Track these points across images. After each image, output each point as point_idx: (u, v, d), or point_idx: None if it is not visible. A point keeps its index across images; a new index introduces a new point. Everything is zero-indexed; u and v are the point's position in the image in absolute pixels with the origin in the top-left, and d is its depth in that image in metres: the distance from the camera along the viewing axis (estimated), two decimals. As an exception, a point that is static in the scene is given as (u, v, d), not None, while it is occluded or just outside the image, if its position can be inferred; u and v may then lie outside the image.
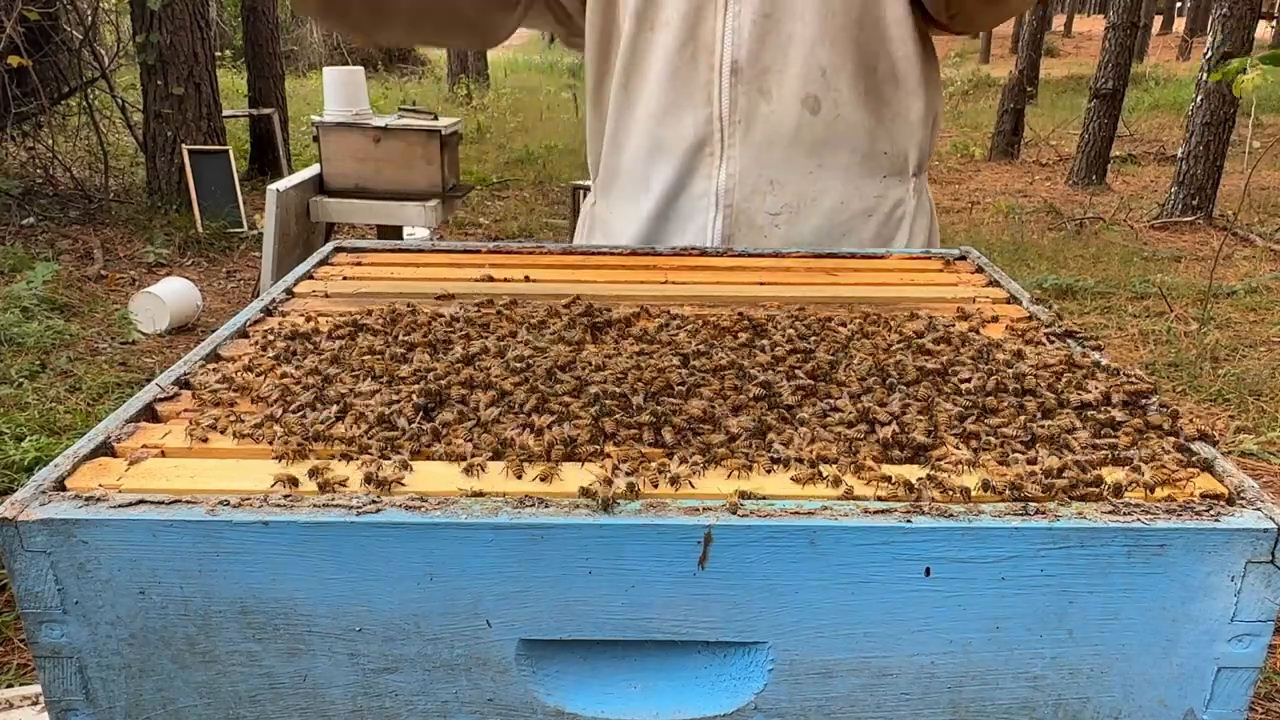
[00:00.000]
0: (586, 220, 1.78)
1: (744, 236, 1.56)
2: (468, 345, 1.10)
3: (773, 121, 1.50)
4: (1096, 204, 9.15)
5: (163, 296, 5.45)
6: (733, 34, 1.47)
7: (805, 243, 1.57)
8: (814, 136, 1.52)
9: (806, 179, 1.54)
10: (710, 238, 1.56)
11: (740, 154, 1.52)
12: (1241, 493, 0.82)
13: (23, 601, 0.78)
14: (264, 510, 0.78)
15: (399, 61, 20.87)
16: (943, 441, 0.90)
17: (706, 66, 1.49)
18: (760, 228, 1.56)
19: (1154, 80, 19.36)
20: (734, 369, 1.04)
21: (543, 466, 0.84)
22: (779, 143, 1.51)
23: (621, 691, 0.84)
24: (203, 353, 1.11)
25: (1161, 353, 5.33)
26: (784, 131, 1.51)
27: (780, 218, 1.55)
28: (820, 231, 1.57)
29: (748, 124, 1.50)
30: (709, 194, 1.55)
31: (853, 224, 1.59)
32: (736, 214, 1.54)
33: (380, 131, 4.60)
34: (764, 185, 1.53)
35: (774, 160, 1.52)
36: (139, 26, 7.71)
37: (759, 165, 1.52)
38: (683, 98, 1.52)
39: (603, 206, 1.70)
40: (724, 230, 1.55)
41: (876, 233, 1.62)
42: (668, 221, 1.59)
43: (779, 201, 1.54)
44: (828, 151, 1.54)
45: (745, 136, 1.51)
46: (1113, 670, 0.82)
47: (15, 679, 2.63)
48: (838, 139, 1.54)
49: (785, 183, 1.53)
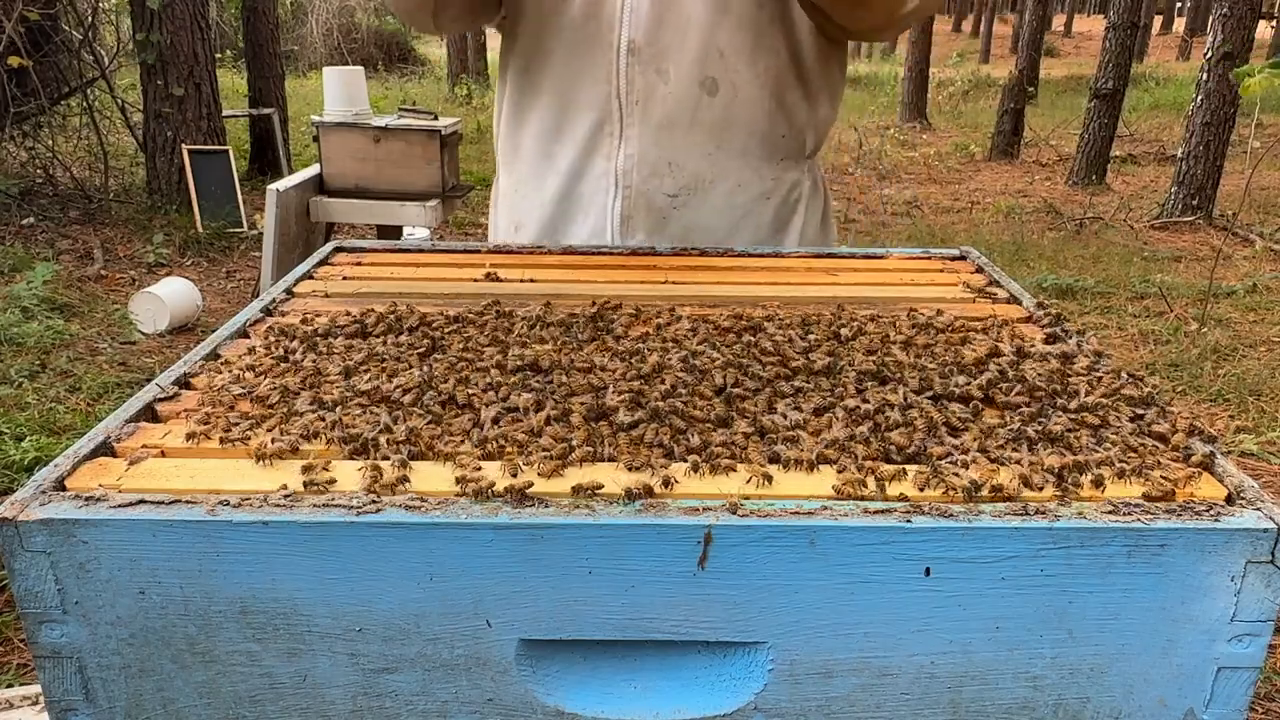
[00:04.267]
0: (496, 201, 1.78)
1: (643, 219, 1.56)
2: (468, 345, 1.10)
3: (670, 103, 1.51)
4: (1096, 204, 9.15)
5: (163, 296, 5.45)
6: (631, 14, 1.48)
7: (705, 226, 1.57)
8: (712, 118, 1.52)
9: (705, 161, 1.54)
10: (610, 219, 1.57)
11: (639, 135, 1.52)
12: (1241, 493, 0.82)
13: (23, 601, 0.78)
14: (264, 510, 0.78)
15: (399, 61, 20.88)
16: (943, 441, 0.90)
17: (606, 45, 1.50)
18: (659, 209, 1.56)
19: (1154, 80, 19.36)
20: (733, 369, 1.04)
21: (544, 466, 0.84)
22: (677, 124, 1.52)
23: (621, 691, 0.84)
24: (203, 353, 1.11)
25: (1161, 353, 5.33)
26: (682, 113, 1.51)
27: (679, 199, 1.55)
28: (719, 214, 1.58)
29: (645, 105, 1.51)
30: (609, 174, 1.55)
31: (752, 206, 1.60)
32: (635, 195, 1.55)
33: (380, 131, 4.60)
34: (662, 167, 1.53)
35: (672, 142, 1.52)
36: (139, 26, 7.71)
37: (657, 147, 1.53)
38: (583, 77, 1.53)
39: (508, 184, 1.71)
40: (623, 211, 1.56)
41: (775, 214, 1.62)
42: (571, 203, 1.60)
43: (677, 183, 1.54)
44: (726, 134, 1.54)
45: (644, 117, 1.52)
46: (1113, 670, 0.82)
47: (15, 679, 2.63)
48: (736, 121, 1.53)
49: (683, 165, 1.53)
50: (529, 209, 1.65)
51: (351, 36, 20.36)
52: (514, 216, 1.69)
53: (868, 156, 11.31)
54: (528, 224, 1.65)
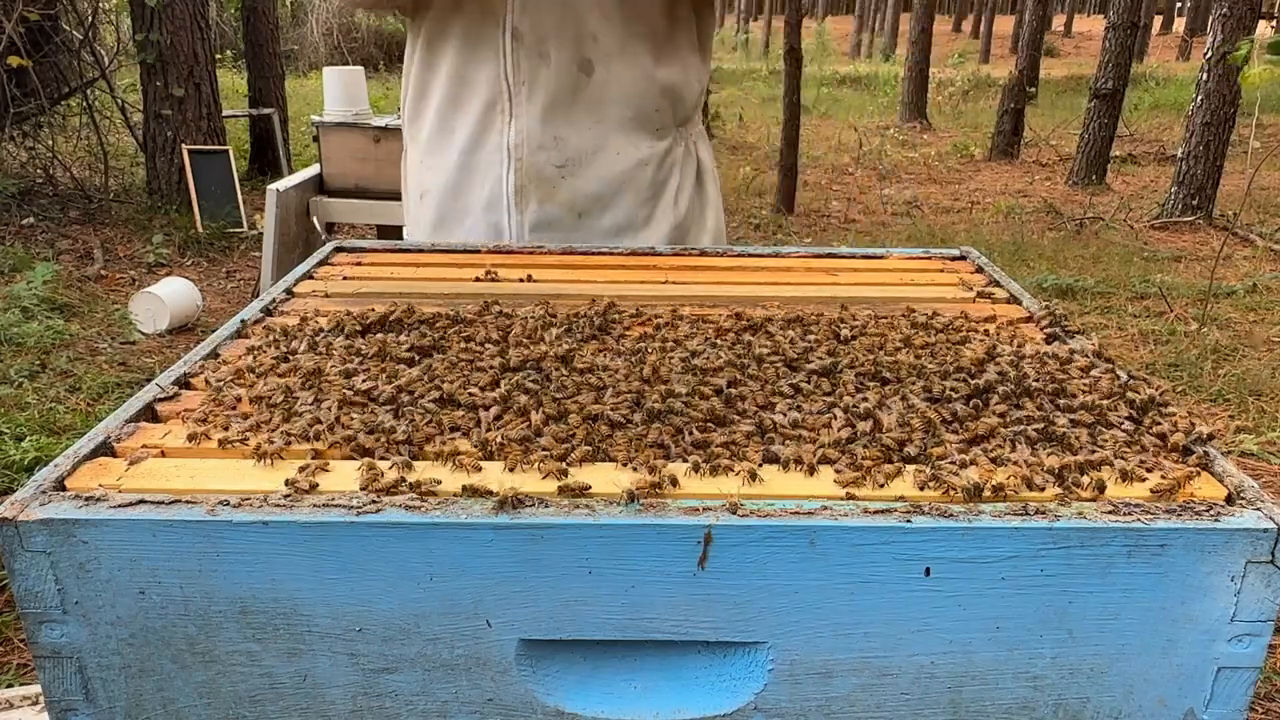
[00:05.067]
0: (405, 174, 1.92)
1: (535, 188, 1.70)
2: (468, 345, 1.10)
3: (553, 84, 1.65)
4: (1096, 204, 9.15)
5: (163, 296, 5.45)
6: (516, 2, 1.62)
7: (591, 193, 1.73)
8: (590, 96, 1.68)
9: (586, 134, 1.69)
10: (505, 188, 1.71)
11: (526, 112, 1.67)
12: (1241, 493, 0.82)
13: (23, 601, 0.78)
14: (264, 510, 0.78)
15: (399, 61, 20.86)
16: (943, 441, 0.89)
17: (494, 31, 1.65)
18: (549, 179, 1.70)
19: (1154, 80, 19.36)
20: (733, 369, 1.04)
21: (544, 466, 0.84)
22: (560, 103, 1.67)
23: (622, 691, 0.84)
24: (203, 353, 1.11)
25: (1161, 353, 5.33)
26: (563, 92, 1.66)
27: (565, 169, 1.70)
28: (603, 181, 1.73)
29: (531, 86, 1.65)
30: (501, 149, 1.70)
31: (632, 173, 1.75)
32: (526, 167, 1.69)
33: (380, 131, 4.60)
34: (549, 141, 1.68)
35: (556, 119, 1.67)
36: (139, 26, 7.71)
37: (543, 123, 1.67)
38: (475, 59, 1.68)
39: (414, 157, 1.85)
40: (516, 182, 1.70)
41: (652, 179, 1.78)
42: (469, 173, 1.75)
43: (563, 155, 1.69)
44: (603, 109, 1.70)
45: (530, 97, 1.66)
46: (1113, 670, 0.82)
47: (15, 679, 2.63)
48: (611, 98, 1.70)
49: (568, 138, 1.69)
50: (432, 177, 1.79)
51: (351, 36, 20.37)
52: (419, 185, 1.83)
53: (868, 156, 11.32)
54: (432, 190, 1.79)
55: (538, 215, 1.69)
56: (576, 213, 1.71)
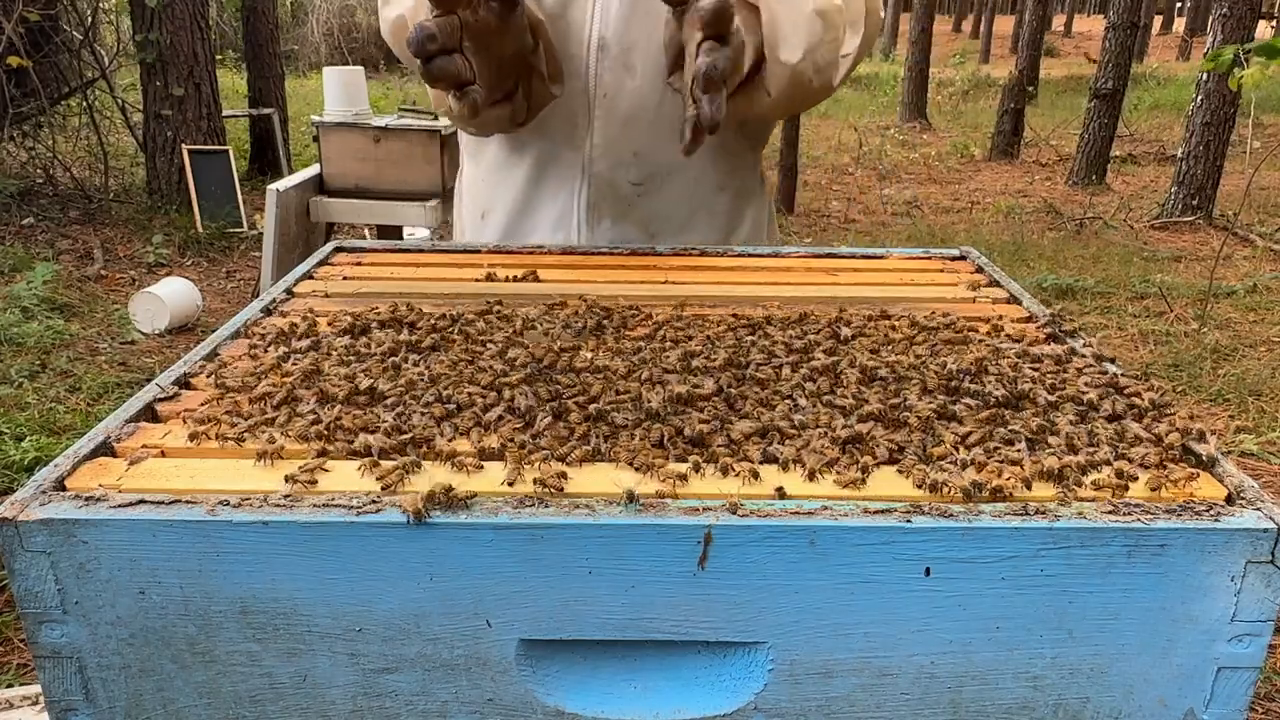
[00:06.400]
0: (461, 193, 1.83)
1: (609, 205, 1.63)
2: (468, 345, 1.10)
3: (637, 97, 1.57)
4: (1096, 204, 9.15)
5: (163, 296, 5.46)
6: (601, 10, 1.55)
7: (666, 214, 1.65)
8: (675, 112, 1.56)
9: (667, 152, 1.59)
10: (576, 205, 1.64)
11: (605, 126, 1.58)
12: (1241, 493, 0.82)
13: (23, 601, 0.78)
14: (264, 510, 0.78)
15: (399, 61, 20.86)
16: (943, 441, 0.90)
17: (577, 41, 1.56)
18: (625, 197, 1.63)
19: (1154, 80, 19.36)
20: (733, 369, 1.04)
21: (544, 466, 0.84)
22: (642, 117, 1.58)
23: (622, 691, 0.84)
24: (203, 353, 1.11)
25: (1161, 353, 5.33)
26: (647, 106, 1.57)
27: (642, 188, 1.62)
28: (679, 204, 1.66)
29: (613, 98, 1.57)
30: (576, 164, 1.62)
31: (709, 198, 1.68)
32: (601, 183, 1.61)
33: (380, 131, 4.60)
34: (627, 157, 1.60)
35: (637, 134, 1.59)
36: (139, 26, 7.71)
37: (623, 138, 1.59)
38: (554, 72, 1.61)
39: (474, 174, 1.77)
40: (589, 199, 1.63)
41: (729, 205, 1.71)
42: (540, 189, 1.66)
43: (642, 173, 1.61)
44: None
45: (611, 110, 1.58)
46: (1113, 670, 0.82)
47: (15, 679, 2.63)
48: None
49: (647, 155, 1.60)
50: (497, 196, 1.71)
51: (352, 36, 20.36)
52: (481, 204, 1.75)
53: (868, 156, 11.32)
54: (495, 209, 1.71)
55: (609, 235, 1.62)
56: (650, 234, 1.64)
